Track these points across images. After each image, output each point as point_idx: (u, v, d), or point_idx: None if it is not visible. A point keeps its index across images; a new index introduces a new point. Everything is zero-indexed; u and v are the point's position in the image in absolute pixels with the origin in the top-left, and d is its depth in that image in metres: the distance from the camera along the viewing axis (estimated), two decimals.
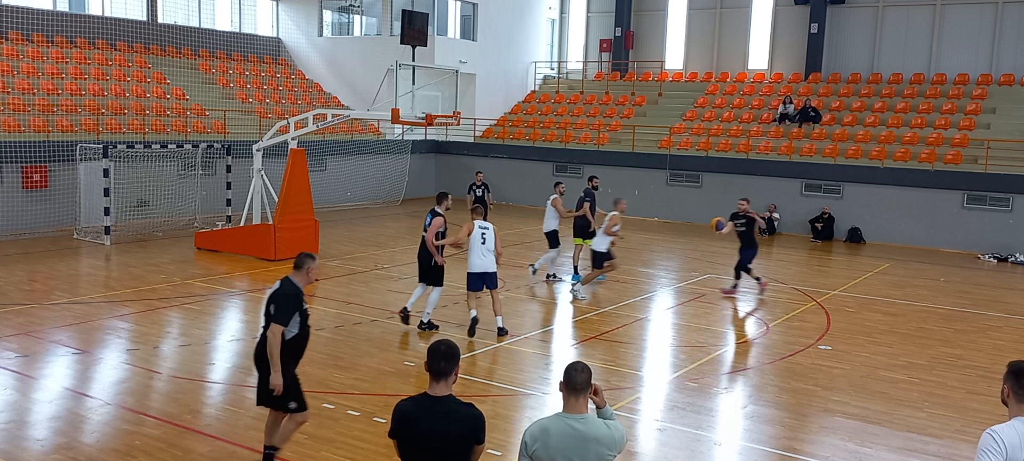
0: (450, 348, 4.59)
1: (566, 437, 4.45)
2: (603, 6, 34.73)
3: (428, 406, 4.57)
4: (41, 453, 7.88)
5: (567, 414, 4.53)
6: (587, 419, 4.52)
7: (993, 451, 4.14)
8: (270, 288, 7.29)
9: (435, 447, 4.53)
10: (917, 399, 10.16)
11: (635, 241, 22.43)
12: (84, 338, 11.68)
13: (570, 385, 4.52)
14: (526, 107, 33.63)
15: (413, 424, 4.57)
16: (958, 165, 23.75)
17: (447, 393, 4.58)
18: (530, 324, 13.30)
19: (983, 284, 18.33)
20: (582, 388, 4.51)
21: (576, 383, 4.50)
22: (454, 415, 4.55)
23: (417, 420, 4.57)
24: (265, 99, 29.05)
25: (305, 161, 18.16)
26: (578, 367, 4.55)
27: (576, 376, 4.51)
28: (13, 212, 19.57)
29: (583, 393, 4.52)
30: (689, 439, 8.77)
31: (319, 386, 9.88)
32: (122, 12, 28.38)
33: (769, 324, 13.68)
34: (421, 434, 4.54)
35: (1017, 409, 4.30)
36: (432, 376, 4.58)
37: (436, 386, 4.57)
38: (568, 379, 4.53)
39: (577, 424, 4.48)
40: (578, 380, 4.50)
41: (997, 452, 4.14)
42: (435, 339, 4.66)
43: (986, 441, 4.18)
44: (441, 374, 4.56)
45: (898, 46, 29.12)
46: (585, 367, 4.57)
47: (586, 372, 4.54)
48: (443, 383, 4.57)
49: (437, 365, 4.55)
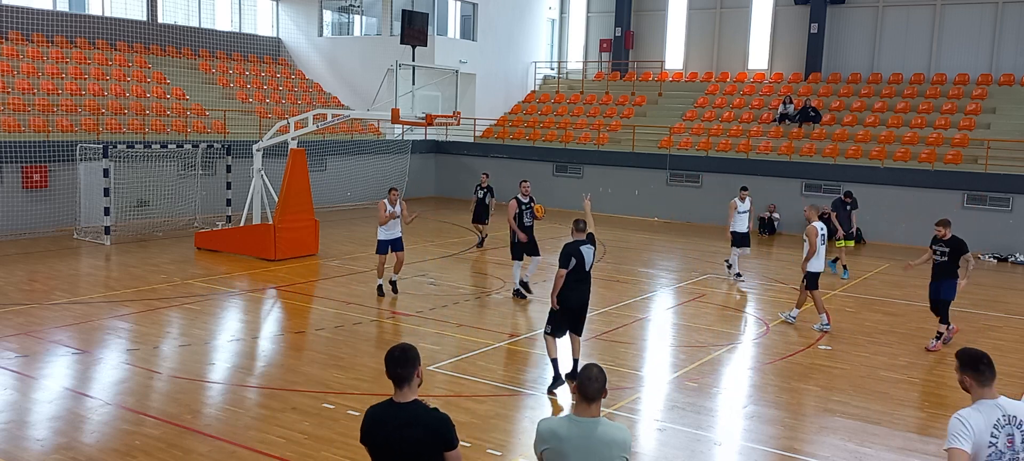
0: (405, 352, 4.47)
1: (580, 442, 4.43)
2: (603, 6, 34.73)
3: (393, 412, 4.46)
4: (41, 453, 7.88)
5: (579, 417, 4.50)
6: (601, 422, 4.50)
7: (962, 434, 4.44)
8: None
9: (403, 452, 4.43)
10: (917, 399, 10.16)
11: (635, 241, 22.44)
12: (84, 338, 11.68)
13: (584, 394, 4.49)
14: (526, 107, 33.63)
15: (379, 430, 4.47)
16: (958, 165, 23.75)
17: (412, 398, 4.46)
18: (529, 324, 13.29)
19: (983, 284, 18.32)
20: (595, 397, 4.49)
21: (589, 392, 4.48)
22: (419, 420, 4.42)
23: (383, 425, 4.46)
24: (265, 99, 29.05)
25: (305, 161, 18.17)
26: (592, 375, 4.50)
27: (589, 385, 4.48)
28: (13, 212, 19.57)
29: (597, 400, 4.50)
30: (689, 439, 8.77)
31: (319, 386, 9.89)
32: (122, 12, 28.37)
33: (769, 324, 13.68)
34: (388, 440, 4.44)
35: (979, 393, 4.62)
36: (395, 382, 4.46)
37: (400, 393, 4.46)
38: (582, 388, 4.49)
39: (592, 428, 4.47)
40: (592, 389, 4.47)
41: (966, 435, 4.43)
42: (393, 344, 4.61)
43: (954, 425, 4.49)
44: (401, 380, 4.44)
45: (898, 46, 29.12)
46: (599, 374, 4.52)
47: (600, 380, 4.50)
48: (406, 388, 4.45)
49: (394, 371, 4.43)
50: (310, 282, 16.01)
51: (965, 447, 4.43)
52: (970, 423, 4.47)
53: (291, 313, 14.03)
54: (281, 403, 9.29)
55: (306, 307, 14.38)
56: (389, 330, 12.85)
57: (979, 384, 4.62)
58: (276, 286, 15.46)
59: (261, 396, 9.63)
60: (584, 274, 9.79)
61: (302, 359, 11.14)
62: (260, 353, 11.61)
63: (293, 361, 11.07)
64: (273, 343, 12.11)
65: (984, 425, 4.48)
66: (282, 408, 9.14)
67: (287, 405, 9.22)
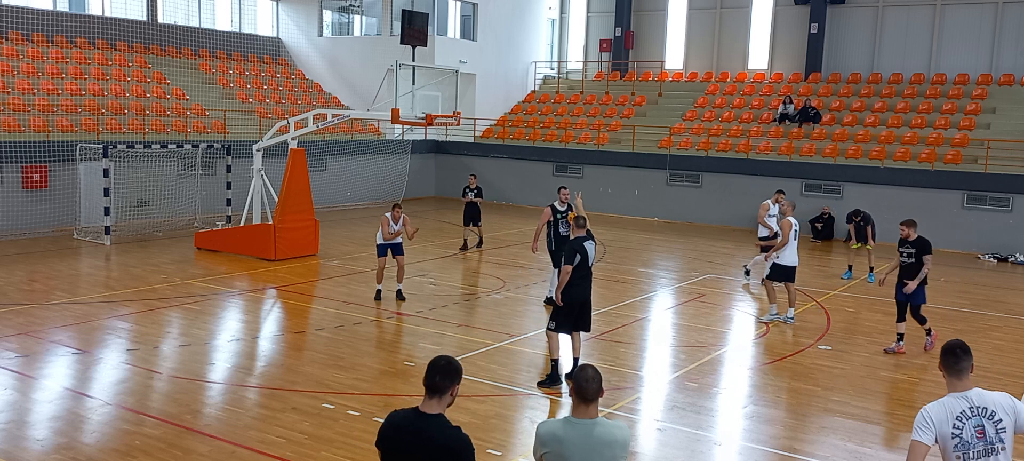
0: (450, 363, 4.29)
1: (580, 443, 4.44)
2: (603, 6, 34.73)
3: (414, 421, 4.27)
4: (41, 453, 7.88)
5: (577, 419, 4.50)
6: (600, 422, 4.51)
7: (923, 428, 4.66)
8: None
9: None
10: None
11: (635, 241, 22.43)
12: (84, 338, 11.68)
13: (582, 394, 4.49)
14: (526, 107, 33.63)
15: (398, 437, 4.29)
16: (958, 165, 23.75)
17: (439, 412, 4.27)
18: (530, 324, 13.29)
19: (983, 284, 18.33)
20: (593, 397, 4.49)
21: (587, 393, 4.48)
22: (440, 438, 4.21)
23: (401, 432, 4.28)
24: (265, 99, 29.05)
25: (305, 161, 18.17)
26: (588, 376, 4.51)
27: (587, 386, 4.48)
28: (13, 212, 19.57)
29: (594, 401, 4.50)
30: (689, 439, 8.77)
31: (319, 386, 9.89)
32: (122, 12, 28.37)
33: (769, 324, 13.67)
34: (402, 448, 4.27)
35: (951, 385, 4.76)
36: (427, 391, 4.29)
37: (429, 402, 4.27)
38: (580, 390, 4.49)
39: (591, 429, 4.47)
40: (589, 390, 4.48)
41: (926, 429, 4.64)
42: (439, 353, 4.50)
43: (917, 420, 4.71)
44: (435, 390, 4.26)
45: (898, 46, 29.12)
46: (595, 374, 4.53)
47: (597, 380, 4.51)
48: (436, 400, 4.27)
49: (433, 379, 4.26)
50: (310, 282, 16.01)
51: (924, 439, 4.64)
52: (932, 416, 4.65)
53: (291, 313, 14.03)
54: (281, 403, 9.30)
55: (306, 307, 14.38)
56: (390, 330, 12.86)
57: (950, 375, 4.75)
58: (276, 286, 15.46)
59: (261, 396, 9.63)
60: (586, 270, 9.98)
61: (302, 359, 11.14)
62: (260, 353, 11.61)
63: (293, 361, 11.07)
64: (273, 343, 12.11)
65: (945, 417, 4.63)
66: (282, 408, 9.14)
67: (287, 405, 9.23)
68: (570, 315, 10.04)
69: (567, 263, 9.80)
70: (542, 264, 18.29)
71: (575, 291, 9.93)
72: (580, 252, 9.85)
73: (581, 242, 9.94)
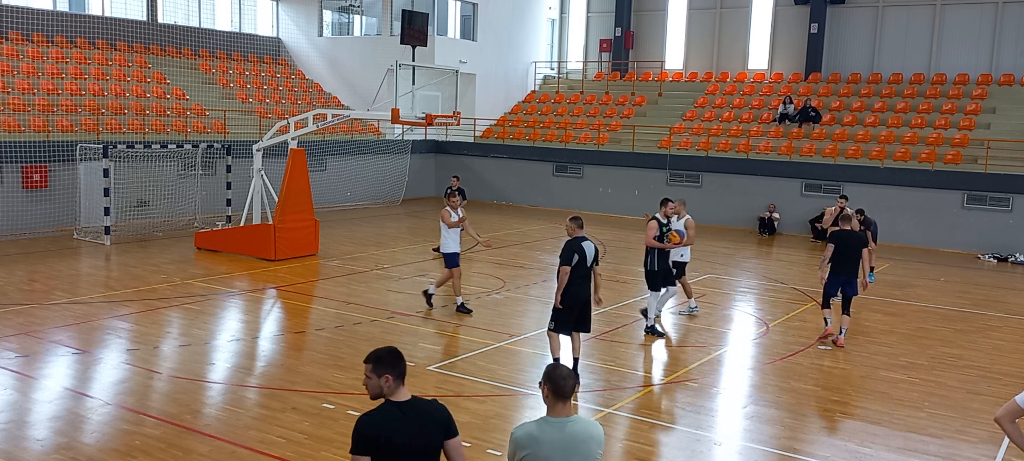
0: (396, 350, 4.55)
1: (559, 442, 4.47)
2: (603, 6, 34.73)
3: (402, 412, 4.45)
4: (41, 453, 7.88)
5: (554, 418, 4.54)
6: (576, 419, 4.58)
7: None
8: None
9: (420, 452, 4.45)
10: (917, 399, 10.16)
11: (635, 241, 22.42)
12: (84, 338, 11.68)
13: (559, 393, 4.54)
14: (526, 107, 33.63)
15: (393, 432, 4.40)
16: (958, 165, 23.75)
17: (409, 395, 4.54)
18: (530, 324, 13.29)
19: (983, 284, 18.33)
20: (569, 395, 4.56)
21: (564, 391, 4.54)
22: (431, 414, 4.51)
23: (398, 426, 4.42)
24: (265, 99, 29.05)
25: (305, 161, 18.17)
26: (563, 374, 4.58)
27: (564, 384, 4.55)
28: (13, 212, 19.57)
29: (569, 398, 4.58)
30: (689, 439, 8.77)
31: (319, 386, 9.89)
32: (122, 12, 28.37)
33: (769, 324, 13.68)
34: (402, 440, 4.41)
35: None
36: (396, 378, 4.48)
37: (400, 390, 4.50)
38: (556, 388, 4.54)
39: (569, 426, 4.51)
40: (566, 387, 4.55)
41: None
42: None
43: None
44: (403, 375, 4.53)
45: (898, 46, 29.12)
46: (569, 372, 4.63)
47: (571, 377, 4.60)
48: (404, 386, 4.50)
49: (400, 367, 4.54)
50: (310, 282, 16.01)
51: None
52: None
53: (291, 313, 14.03)
54: (281, 403, 9.30)
55: (306, 307, 14.38)
56: (390, 330, 12.85)
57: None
58: (276, 286, 15.46)
59: (261, 396, 9.63)
60: (586, 270, 9.92)
61: (302, 359, 11.14)
62: (260, 353, 11.61)
63: (293, 361, 11.07)
64: (273, 343, 12.12)
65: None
66: (282, 408, 9.14)
67: (287, 405, 9.23)
68: (569, 316, 10.03)
69: (565, 264, 9.77)
70: (542, 264, 18.31)
71: (575, 292, 9.90)
72: (578, 252, 9.82)
73: (579, 241, 9.91)
